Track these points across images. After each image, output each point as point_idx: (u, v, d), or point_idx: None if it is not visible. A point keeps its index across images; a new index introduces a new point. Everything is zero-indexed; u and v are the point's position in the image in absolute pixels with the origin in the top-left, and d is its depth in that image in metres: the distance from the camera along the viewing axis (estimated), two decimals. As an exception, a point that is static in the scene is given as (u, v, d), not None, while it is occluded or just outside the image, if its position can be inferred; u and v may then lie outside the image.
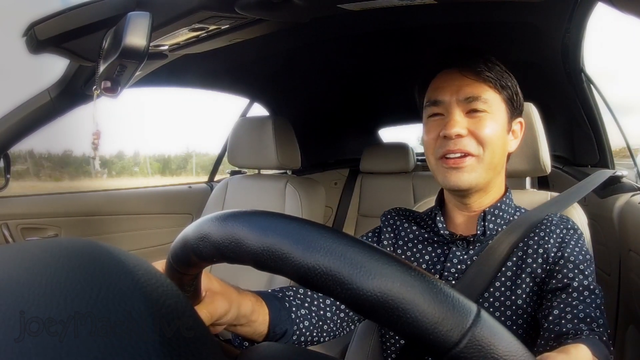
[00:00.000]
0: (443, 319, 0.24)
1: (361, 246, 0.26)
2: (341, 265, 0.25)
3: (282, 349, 0.39)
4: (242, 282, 1.58)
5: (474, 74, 0.69)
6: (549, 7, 1.19)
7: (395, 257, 0.26)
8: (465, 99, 0.69)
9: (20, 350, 0.16)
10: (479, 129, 0.68)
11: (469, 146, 0.68)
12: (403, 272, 0.25)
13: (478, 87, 0.69)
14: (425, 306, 0.24)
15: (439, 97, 0.71)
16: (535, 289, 0.67)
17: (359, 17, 0.99)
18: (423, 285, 0.25)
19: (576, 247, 0.68)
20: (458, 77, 0.70)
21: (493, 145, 0.69)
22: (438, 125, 0.71)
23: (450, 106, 0.70)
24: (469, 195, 0.73)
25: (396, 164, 2.21)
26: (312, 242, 0.27)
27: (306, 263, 0.26)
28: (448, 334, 0.24)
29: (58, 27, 0.81)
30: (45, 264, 0.20)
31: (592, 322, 0.59)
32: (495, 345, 0.24)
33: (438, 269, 0.74)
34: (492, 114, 0.70)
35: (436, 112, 0.72)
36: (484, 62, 0.70)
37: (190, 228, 0.33)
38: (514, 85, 0.73)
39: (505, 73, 0.72)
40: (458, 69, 0.71)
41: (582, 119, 1.69)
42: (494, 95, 0.70)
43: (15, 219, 1.42)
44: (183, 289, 0.40)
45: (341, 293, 0.26)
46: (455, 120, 0.68)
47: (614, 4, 0.49)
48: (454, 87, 0.70)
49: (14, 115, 1.16)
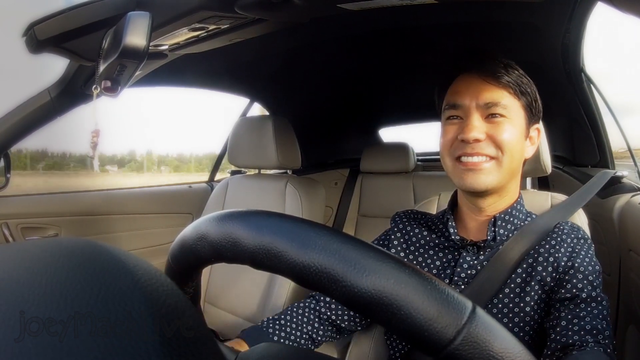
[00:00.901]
0: (438, 315, 0.24)
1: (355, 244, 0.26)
2: (335, 262, 0.26)
3: (282, 349, 0.39)
4: (242, 282, 1.58)
5: (494, 79, 0.69)
6: (549, 7, 1.18)
7: (390, 255, 0.27)
8: (485, 104, 0.69)
9: (20, 350, 0.16)
10: (497, 134, 0.68)
11: (487, 150, 0.68)
12: (397, 269, 0.25)
13: (498, 93, 0.69)
14: (420, 303, 0.24)
15: (458, 101, 0.71)
16: (543, 297, 0.67)
17: (358, 17, 0.98)
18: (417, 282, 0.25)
19: (586, 257, 0.68)
20: (478, 81, 0.70)
21: (512, 149, 0.69)
22: (456, 128, 0.71)
23: (469, 110, 0.70)
24: (484, 197, 0.73)
25: (396, 164, 2.21)
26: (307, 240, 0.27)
27: (301, 261, 0.26)
28: (443, 331, 0.24)
29: (58, 27, 0.81)
30: (45, 264, 0.20)
31: (598, 334, 0.59)
32: (491, 342, 0.24)
33: (448, 274, 0.74)
34: (511, 120, 0.69)
35: (455, 114, 0.72)
36: (504, 67, 0.70)
37: (189, 229, 0.34)
38: (534, 92, 0.72)
39: (524, 78, 0.71)
40: (478, 73, 0.70)
41: (582, 119, 1.69)
42: (513, 101, 0.70)
43: (15, 219, 1.42)
44: (183, 290, 0.40)
45: (336, 290, 0.26)
46: (474, 125, 0.68)
47: (614, 4, 0.49)
48: (474, 92, 0.70)
49: (14, 115, 1.16)
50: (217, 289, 1.53)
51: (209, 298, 1.54)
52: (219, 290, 1.53)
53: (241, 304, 1.46)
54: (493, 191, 0.71)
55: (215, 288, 1.53)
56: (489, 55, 0.72)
